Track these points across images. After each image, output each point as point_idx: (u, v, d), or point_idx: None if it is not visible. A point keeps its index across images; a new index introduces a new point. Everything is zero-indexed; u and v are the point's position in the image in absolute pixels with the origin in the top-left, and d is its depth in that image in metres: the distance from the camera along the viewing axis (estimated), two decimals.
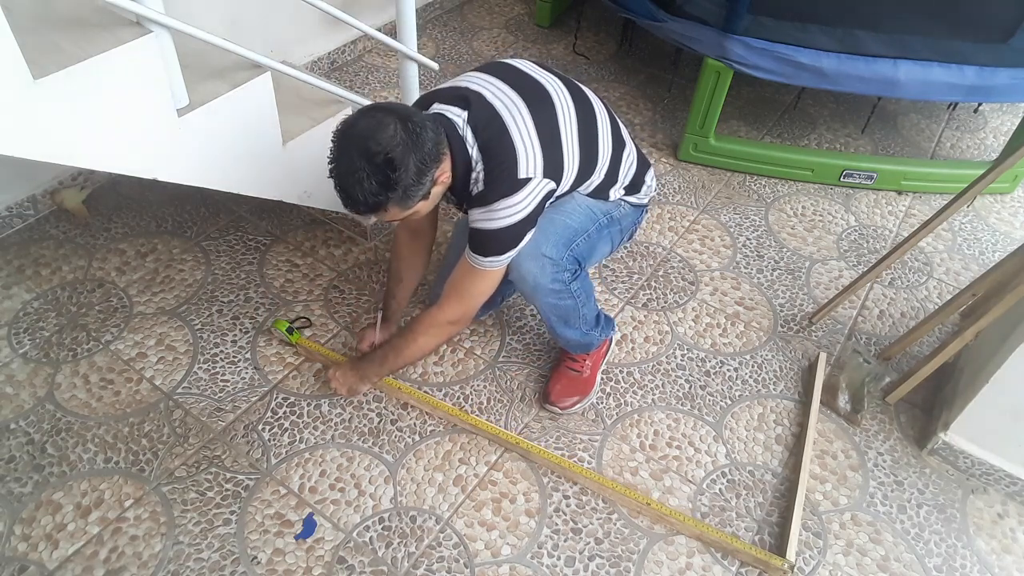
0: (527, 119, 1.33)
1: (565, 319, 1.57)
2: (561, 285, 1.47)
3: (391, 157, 1.18)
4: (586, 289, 1.56)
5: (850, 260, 2.18)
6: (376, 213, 1.26)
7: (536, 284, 1.45)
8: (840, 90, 2.20)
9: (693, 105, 2.33)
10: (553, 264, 1.44)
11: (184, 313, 1.86)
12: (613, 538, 1.49)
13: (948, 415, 1.64)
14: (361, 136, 1.20)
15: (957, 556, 1.51)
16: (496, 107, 1.33)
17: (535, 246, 1.41)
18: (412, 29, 1.81)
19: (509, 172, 1.30)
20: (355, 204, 1.24)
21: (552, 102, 1.38)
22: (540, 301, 1.51)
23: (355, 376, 1.61)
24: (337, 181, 1.23)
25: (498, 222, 1.32)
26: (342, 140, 1.22)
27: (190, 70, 1.41)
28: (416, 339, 1.51)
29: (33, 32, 1.21)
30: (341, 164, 1.22)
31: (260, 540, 1.44)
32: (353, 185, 1.20)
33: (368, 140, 1.19)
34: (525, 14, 3.24)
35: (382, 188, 1.20)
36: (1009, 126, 2.79)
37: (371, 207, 1.23)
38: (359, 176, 1.19)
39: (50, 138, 1.21)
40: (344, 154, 1.21)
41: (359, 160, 1.19)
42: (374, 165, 1.18)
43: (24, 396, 1.65)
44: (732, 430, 1.70)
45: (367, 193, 1.21)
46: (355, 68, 2.81)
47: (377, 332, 1.72)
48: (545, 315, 1.57)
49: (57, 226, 2.06)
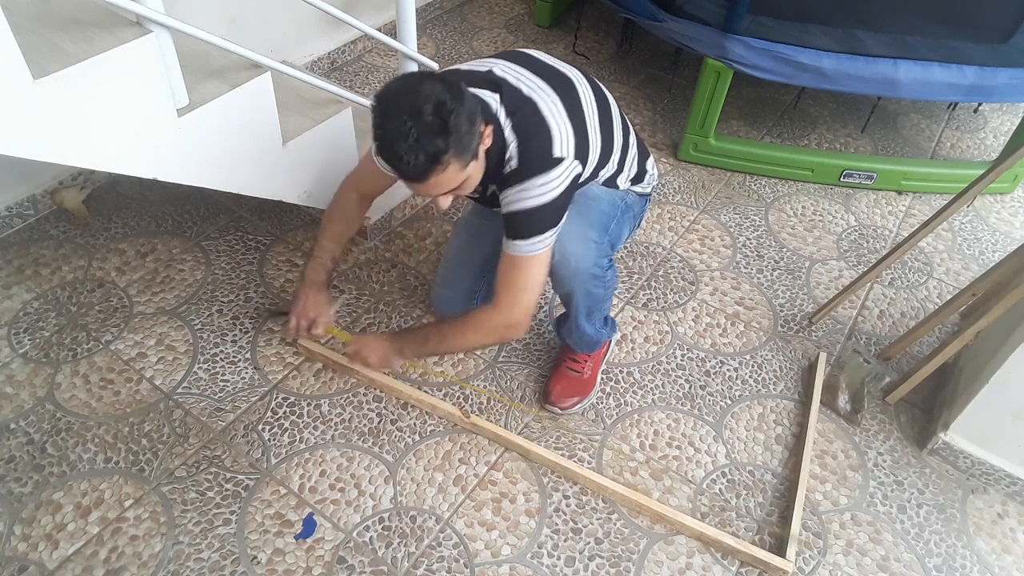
0: (557, 102, 1.33)
1: (589, 311, 1.56)
2: (600, 271, 1.47)
3: (441, 101, 1.13)
4: (615, 280, 1.57)
5: (850, 260, 2.18)
6: (434, 171, 1.17)
7: (578, 267, 1.44)
8: (840, 90, 2.20)
9: (693, 105, 2.33)
10: (598, 247, 1.44)
11: (184, 313, 1.86)
12: (613, 538, 1.49)
13: (948, 415, 1.64)
14: (403, 93, 1.15)
15: (957, 556, 1.51)
16: (525, 92, 1.32)
17: (580, 229, 1.41)
18: (412, 29, 1.81)
19: (544, 149, 1.29)
20: (414, 161, 1.14)
21: (576, 88, 1.38)
22: (576, 288, 1.49)
23: (391, 348, 1.53)
24: (389, 145, 1.15)
25: (534, 200, 1.29)
26: (385, 103, 1.16)
27: (190, 70, 1.41)
28: (466, 333, 1.44)
29: (33, 32, 1.21)
30: (390, 124, 1.14)
31: (260, 540, 1.44)
32: (409, 140, 1.12)
33: (412, 94, 1.14)
34: (525, 14, 3.24)
35: (440, 134, 1.13)
36: (1009, 126, 2.79)
37: (432, 158, 1.15)
38: (413, 130, 1.12)
39: (50, 138, 1.21)
40: (391, 115, 1.14)
41: (409, 114, 1.12)
42: (427, 113, 1.12)
43: (24, 396, 1.65)
44: (732, 430, 1.70)
45: (425, 144, 1.13)
46: (355, 68, 2.81)
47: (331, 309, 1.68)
48: (573, 307, 1.55)
49: (57, 226, 2.06)
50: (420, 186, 1.21)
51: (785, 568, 1.41)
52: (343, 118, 1.77)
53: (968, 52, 2.08)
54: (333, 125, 1.75)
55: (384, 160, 1.20)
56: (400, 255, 2.08)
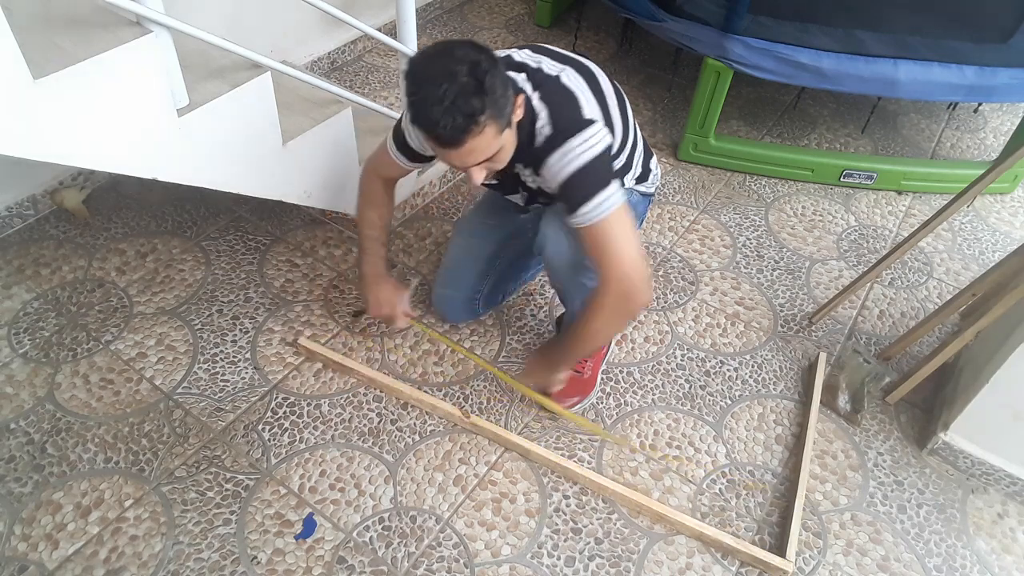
0: (580, 80, 1.34)
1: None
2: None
3: (476, 61, 1.12)
4: None
5: (850, 260, 2.18)
6: (471, 132, 1.14)
7: (571, 260, 1.44)
8: (840, 90, 2.20)
9: (693, 105, 2.33)
10: None
11: (184, 313, 1.86)
12: (613, 538, 1.49)
13: (948, 415, 1.64)
14: (436, 57, 1.14)
15: (957, 556, 1.51)
16: (547, 70, 1.32)
17: None
18: (412, 29, 1.81)
19: (575, 112, 1.29)
20: (451, 123, 1.12)
21: (595, 75, 1.39)
22: (571, 280, 1.49)
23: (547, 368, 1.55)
24: (425, 110, 1.13)
25: (580, 158, 1.26)
26: (418, 69, 1.14)
27: (190, 70, 1.41)
28: (593, 325, 1.35)
29: (33, 32, 1.21)
30: (425, 89, 1.12)
31: (260, 540, 1.44)
32: (444, 102, 1.10)
33: (446, 57, 1.13)
34: (525, 14, 3.24)
35: (476, 94, 1.12)
36: (1009, 126, 2.79)
37: (469, 117, 1.12)
38: (448, 91, 1.10)
39: (50, 138, 1.21)
40: (425, 80, 1.12)
41: (444, 76, 1.11)
42: (461, 75, 1.11)
43: (24, 396, 1.65)
44: (732, 430, 1.70)
45: (462, 105, 1.11)
46: (355, 68, 2.81)
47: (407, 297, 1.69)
48: (572, 300, 1.55)
49: (57, 226, 2.06)
50: (456, 152, 1.18)
51: (785, 568, 1.41)
52: (343, 118, 1.77)
53: (968, 52, 2.08)
54: (333, 125, 1.75)
55: (420, 127, 1.17)
56: (400, 255, 2.08)
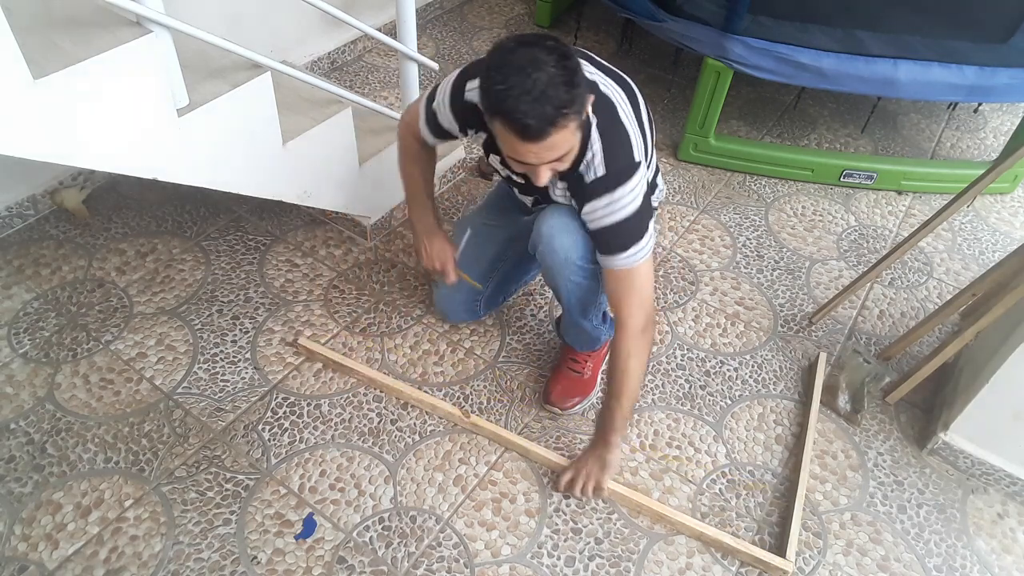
0: (626, 103, 1.33)
1: (584, 306, 1.55)
2: (588, 263, 1.46)
3: (565, 54, 1.12)
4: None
5: (850, 260, 2.18)
6: (557, 125, 1.13)
7: (567, 258, 1.43)
8: (840, 90, 2.20)
9: (693, 105, 2.33)
10: (584, 238, 1.42)
11: (184, 313, 1.86)
12: (613, 538, 1.49)
13: (948, 415, 1.64)
14: (522, 47, 1.13)
15: (957, 556, 1.51)
16: (602, 88, 1.31)
17: (568, 220, 1.41)
18: (412, 29, 1.81)
19: (627, 156, 1.29)
20: (540, 113, 1.11)
21: (634, 90, 1.39)
22: (566, 280, 1.48)
23: (602, 467, 1.48)
24: (513, 100, 1.11)
25: (625, 210, 1.29)
26: (505, 58, 1.13)
27: (190, 70, 1.41)
28: (628, 372, 1.39)
29: (33, 32, 1.21)
30: (513, 78, 1.10)
31: (260, 540, 1.44)
32: (534, 92, 1.10)
33: (534, 48, 1.12)
34: (525, 14, 3.24)
35: (565, 85, 1.11)
36: (1009, 126, 2.79)
37: (559, 108, 1.12)
38: (538, 81, 1.09)
39: (50, 138, 1.21)
40: (512, 70, 1.11)
41: (533, 66, 1.10)
42: (550, 65, 1.10)
43: (24, 396, 1.65)
44: (732, 430, 1.70)
45: (551, 96, 1.10)
46: (355, 68, 2.81)
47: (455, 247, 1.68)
48: (566, 298, 1.54)
49: (57, 226, 2.06)
50: (535, 147, 1.16)
51: (785, 568, 1.41)
52: (343, 118, 1.77)
53: (968, 52, 2.08)
54: (333, 125, 1.75)
55: (504, 117, 1.14)
56: (400, 255, 2.08)
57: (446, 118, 1.45)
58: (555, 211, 1.44)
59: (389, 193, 2.09)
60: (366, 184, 1.95)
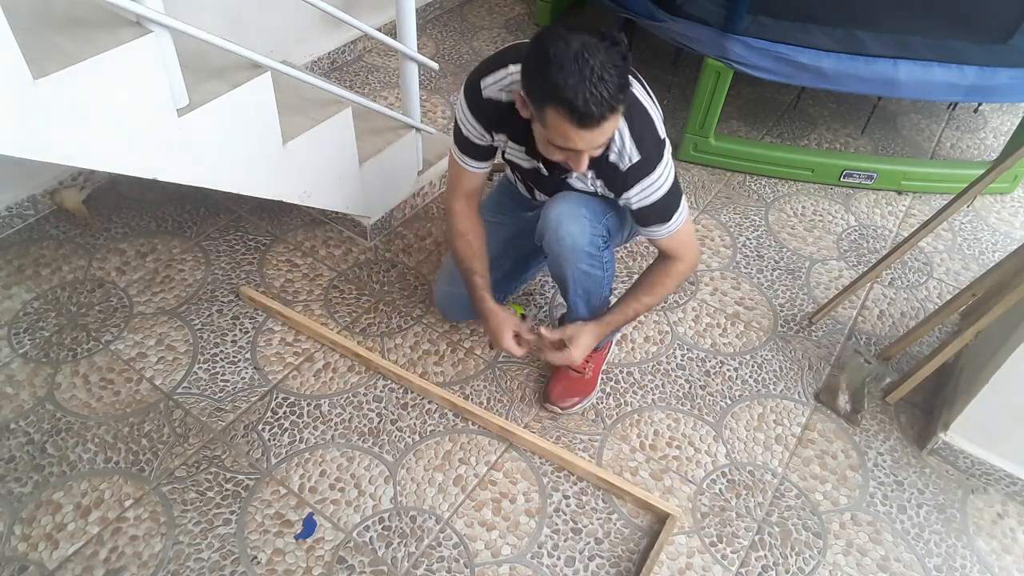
0: (636, 82, 1.34)
1: (588, 295, 1.55)
2: (595, 250, 1.47)
3: (615, 40, 1.12)
4: (612, 264, 1.57)
5: (850, 260, 2.18)
6: (616, 108, 1.14)
7: (574, 245, 1.44)
8: (840, 90, 2.20)
9: (693, 105, 2.33)
10: (591, 224, 1.44)
11: (184, 313, 1.86)
12: (613, 538, 1.49)
13: (948, 415, 1.64)
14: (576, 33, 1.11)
15: (957, 556, 1.51)
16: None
17: (574, 208, 1.42)
18: (412, 29, 1.81)
19: (654, 136, 1.32)
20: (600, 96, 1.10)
21: (640, 79, 1.39)
22: (573, 267, 1.49)
23: (597, 333, 1.52)
24: (571, 87, 1.09)
25: (661, 188, 1.35)
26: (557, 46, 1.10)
27: (190, 70, 1.41)
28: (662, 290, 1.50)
29: (33, 32, 1.21)
30: (569, 64, 1.09)
31: (260, 540, 1.44)
32: (592, 77, 1.09)
33: (585, 34, 1.11)
34: (525, 14, 3.24)
35: (619, 70, 1.11)
36: (1009, 126, 2.79)
37: (615, 94, 1.11)
38: (595, 66, 1.09)
39: (50, 138, 1.21)
40: (568, 56, 1.09)
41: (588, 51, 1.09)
42: (602, 50, 1.10)
43: (24, 396, 1.65)
44: (732, 430, 1.70)
45: (609, 80, 1.10)
46: (355, 68, 2.81)
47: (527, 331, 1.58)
48: (572, 289, 1.54)
49: (57, 226, 2.06)
50: (589, 134, 1.15)
51: (674, 512, 1.48)
52: (343, 118, 1.77)
53: (968, 52, 2.08)
54: (333, 125, 1.75)
55: (561, 104, 1.12)
56: (400, 255, 2.08)
57: (472, 128, 1.42)
58: (562, 199, 1.45)
59: (389, 193, 2.09)
60: (366, 184, 1.95)
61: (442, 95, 2.72)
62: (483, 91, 1.36)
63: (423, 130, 2.07)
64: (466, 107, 1.41)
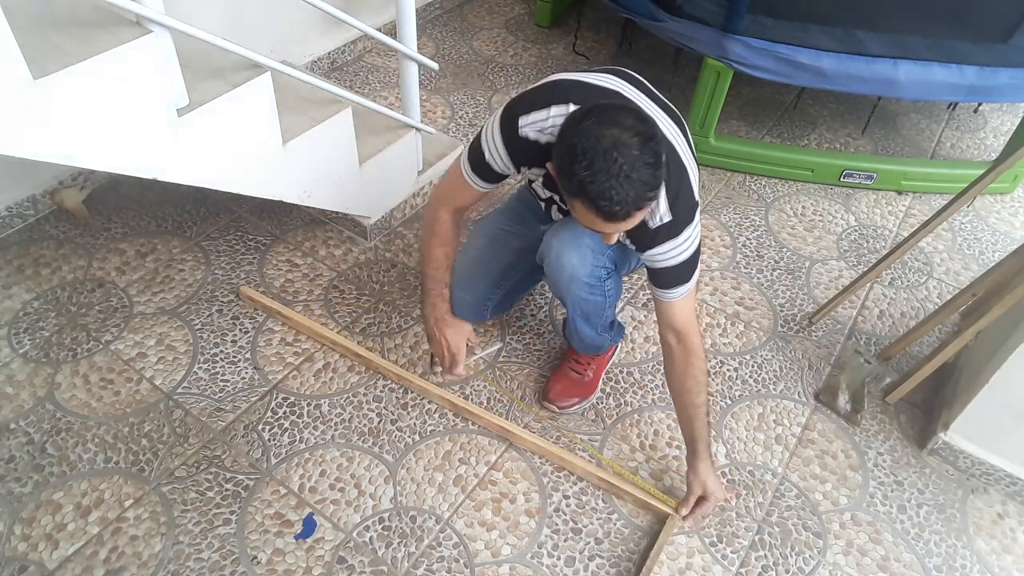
0: (682, 139, 1.31)
1: (587, 316, 1.55)
2: (596, 280, 1.46)
3: (650, 134, 1.09)
4: (617, 290, 1.56)
5: (850, 260, 2.18)
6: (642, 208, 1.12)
7: (573, 275, 1.43)
8: (840, 90, 2.20)
9: (693, 105, 2.33)
10: (594, 256, 1.42)
11: (184, 313, 1.86)
12: (613, 538, 1.49)
13: (948, 415, 1.64)
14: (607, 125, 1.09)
15: (957, 556, 1.51)
16: (666, 135, 1.26)
17: (579, 236, 1.39)
18: (412, 29, 1.81)
19: (688, 196, 1.28)
20: (626, 198, 1.08)
21: (681, 120, 1.37)
22: (572, 294, 1.48)
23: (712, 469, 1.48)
24: (600, 184, 1.08)
25: (686, 252, 1.30)
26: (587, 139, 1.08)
27: (190, 70, 1.41)
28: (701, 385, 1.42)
29: (33, 32, 1.21)
30: (599, 162, 1.07)
31: (260, 540, 1.44)
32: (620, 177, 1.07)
33: (615, 128, 1.08)
34: (525, 14, 3.24)
35: (651, 167, 1.08)
36: (1009, 126, 2.79)
37: (645, 195, 1.10)
38: (624, 166, 1.06)
39: (50, 138, 1.21)
40: (598, 152, 1.07)
41: (618, 149, 1.07)
42: (634, 147, 1.07)
43: (24, 396, 1.65)
44: (732, 430, 1.70)
45: (636, 182, 1.08)
46: (355, 68, 2.81)
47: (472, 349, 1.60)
48: (570, 310, 1.54)
49: (57, 226, 2.06)
50: (616, 224, 1.14)
51: (669, 511, 1.48)
52: (343, 118, 1.77)
53: (968, 52, 2.08)
54: (333, 125, 1.75)
55: (591, 203, 1.10)
56: (400, 255, 2.08)
57: (499, 159, 1.36)
58: (566, 225, 1.43)
59: (389, 193, 2.09)
60: (366, 184, 1.95)
61: (442, 95, 2.72)
62: (520, 129, 1.29)
63: (423, 130, 2.07)
64: (499, 138, 1.33)
